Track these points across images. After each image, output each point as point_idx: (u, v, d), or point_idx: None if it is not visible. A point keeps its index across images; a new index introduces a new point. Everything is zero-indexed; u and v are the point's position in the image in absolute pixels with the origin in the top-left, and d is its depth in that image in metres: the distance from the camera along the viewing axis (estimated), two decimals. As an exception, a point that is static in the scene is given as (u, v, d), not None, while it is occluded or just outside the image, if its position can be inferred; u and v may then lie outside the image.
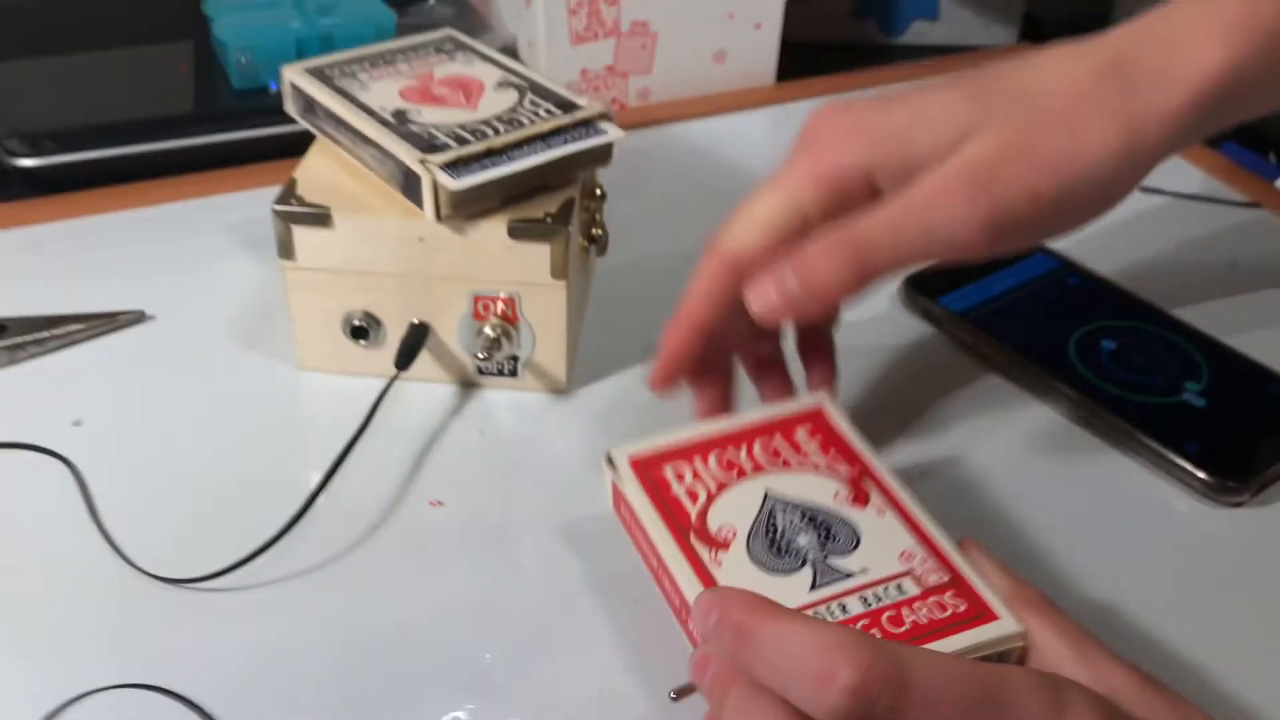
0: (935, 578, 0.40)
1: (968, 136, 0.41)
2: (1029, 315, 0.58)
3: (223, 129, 0.68)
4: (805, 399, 0.47)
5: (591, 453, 0.51)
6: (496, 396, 0.54)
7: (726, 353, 0.48)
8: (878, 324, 0.59)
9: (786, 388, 0.50)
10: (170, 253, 0.62)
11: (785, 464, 0.44)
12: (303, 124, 0.55)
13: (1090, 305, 0.60)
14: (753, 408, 0.47)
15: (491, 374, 0.53)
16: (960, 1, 0.88)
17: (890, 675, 0.30)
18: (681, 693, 0.37)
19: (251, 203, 0.65)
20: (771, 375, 0.50)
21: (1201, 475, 0.49)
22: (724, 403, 0.48)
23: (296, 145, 0.68)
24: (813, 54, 0.85)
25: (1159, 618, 0.44)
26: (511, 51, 0.76)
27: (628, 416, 0.53)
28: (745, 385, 0.53)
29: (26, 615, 0.43)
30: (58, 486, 0.48)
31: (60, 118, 0.67)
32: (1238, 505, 0.49)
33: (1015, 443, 0.52)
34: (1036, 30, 0.91)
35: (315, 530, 0.46)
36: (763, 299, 0.42)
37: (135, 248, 0.62)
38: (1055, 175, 0.41)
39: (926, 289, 0.60)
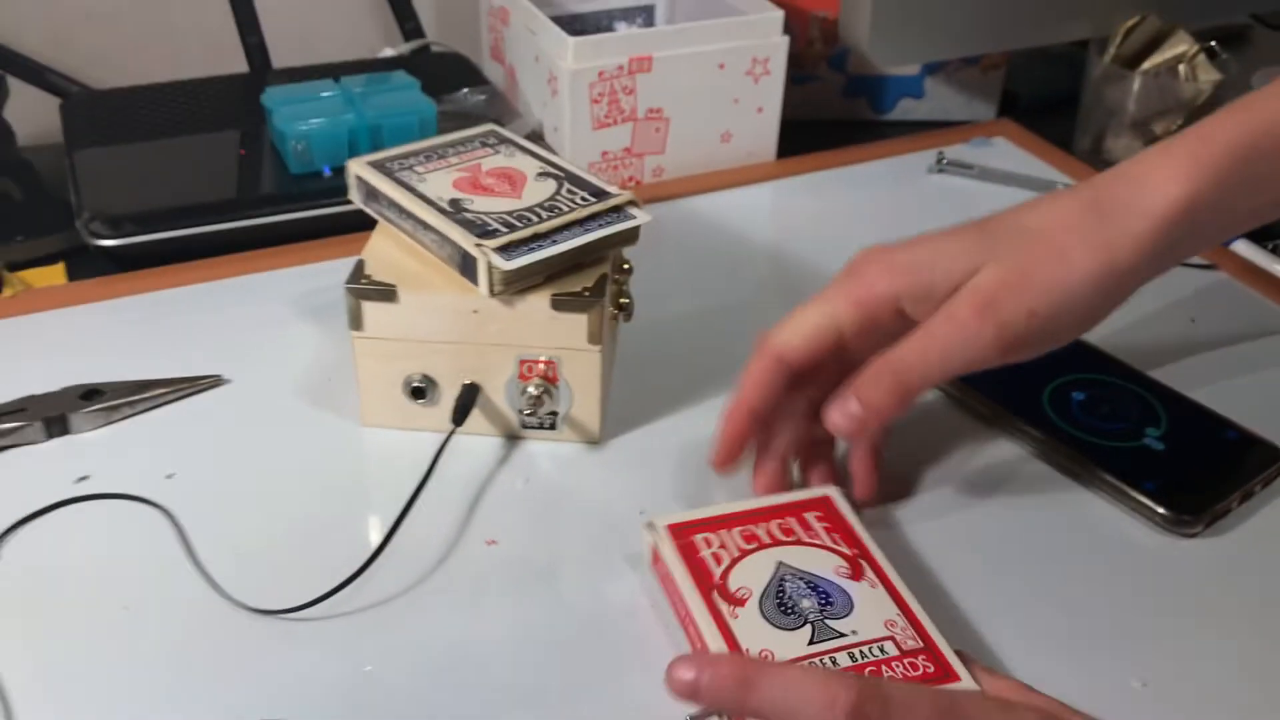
0: (912, 643, 0.47)
1: (977, 269, 0.50)
2: (1008, 370, 0.64)
3: (282, 210, 0.75)
4: (816, 489, 0.55)
5: (623, 496, 0.57)
6: (538, 447, 0.60)
7: (781, 438, 0.56)
8: (874, 379, 0.66)
9: (831, 474, 0.57)
10: (240, 321, 0.68)
11: (796, 540, 0.51)
12: (365, 210, 0.62)
13: (1062, 361, 0.65)
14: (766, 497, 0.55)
15: (534, 428, 0.60)
16: (943, 80, 0.96)
17: (875, 694, 0.37)
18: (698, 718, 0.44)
19: (310, 276, 0.72)
20: (819, 460, 0.57)
21: (1160, 510, 0.56)
22: (781, 481, 0.56)
23: (348, 224, 0.75)
24: (809, 131, 0.92)
25: (1123, 636, 0.51)
26: (538, 135, 0.84)
27: (653, 463, 0.59)
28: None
29: (144, 649, 0.49)
30: (158, 532, 0.54)
31: (137, 201, 0.73)
32: (1192, 536, 0.56)
33: (996, 482, 0.59)
34: (1013, 105, 0.98)
35: (388, 565, 0.53)
36: (836, 420, 0.51)
37: (208, 317, 0.69)
38: (1048, 296, 0.50)
39: (916, 348, 0.66)
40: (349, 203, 0.74)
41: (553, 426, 0.60)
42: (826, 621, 0.47)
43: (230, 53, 1.01)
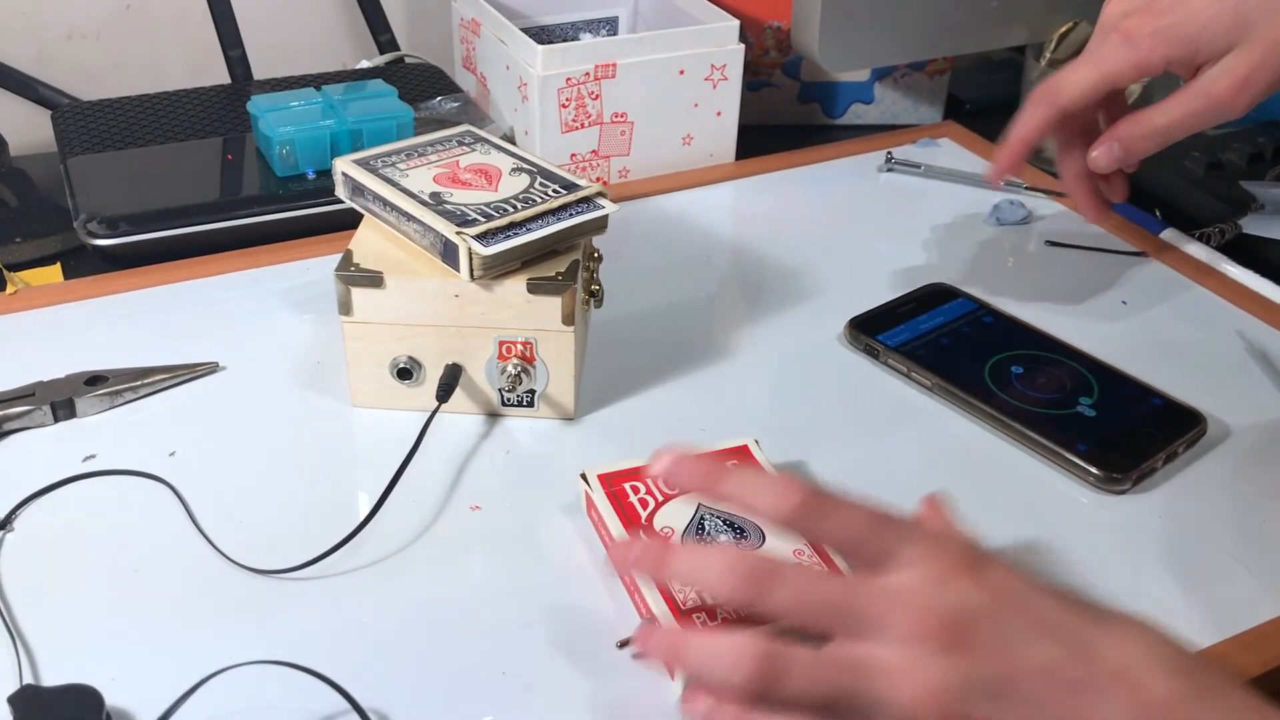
0: (817, 568, 0.51)
1: (1234, 44, 0.61)
2: (952, 347, 0.70)
3: (268, 210, 0.78)
4: (736, 440, 0.59)
5: (595, 467, 0.61)
6: (516, 423, 0.64)
7: (1079, 163, 0.69)
8: (826, 358, 0.71)
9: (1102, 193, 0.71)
10: (232, 314, 0.72)
11: None
12: (351, 204, 0.66)
13: (1002, 338, 0.71)
14: (695, 445, 0.57)
15: (512, 405, 0.64)
16: (892, 87, 1.01)
17: (822, 497, 0.43)
18: (625, 643, 0.50)
19: (297, 271, 0.76)
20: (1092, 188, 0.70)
21: (1092, 470, 0.61)
22: (1100, 199, 0.71)
23: (331, 223, 0.80)
24: (766, 134, 0.97)
25: (1059, 579, 0.55)
26: (510, 139, 0.88)
27: (622, 437, 0.64)
28: (683, 425, 0.65)
29: (154, 607, 0.53)
30: (163, 504, 0.58)
31: (131, 203, 0.76)
32: (1121, 493, 0.61)
33: (942, 450, 0.64)
34: (958, 108, 1.04)
35: (381, 530, 0.57)
36: (1101, 160, 0.66)
37: (201, 310, 0.72)
38: None
39: (867, 329, 0.71)
40: (332, 203, 0.78)
41: (530, 404, 0.64)
42: None
43: (208, 70, 1.05)
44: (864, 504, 0.43)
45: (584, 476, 0.57)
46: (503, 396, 0.64)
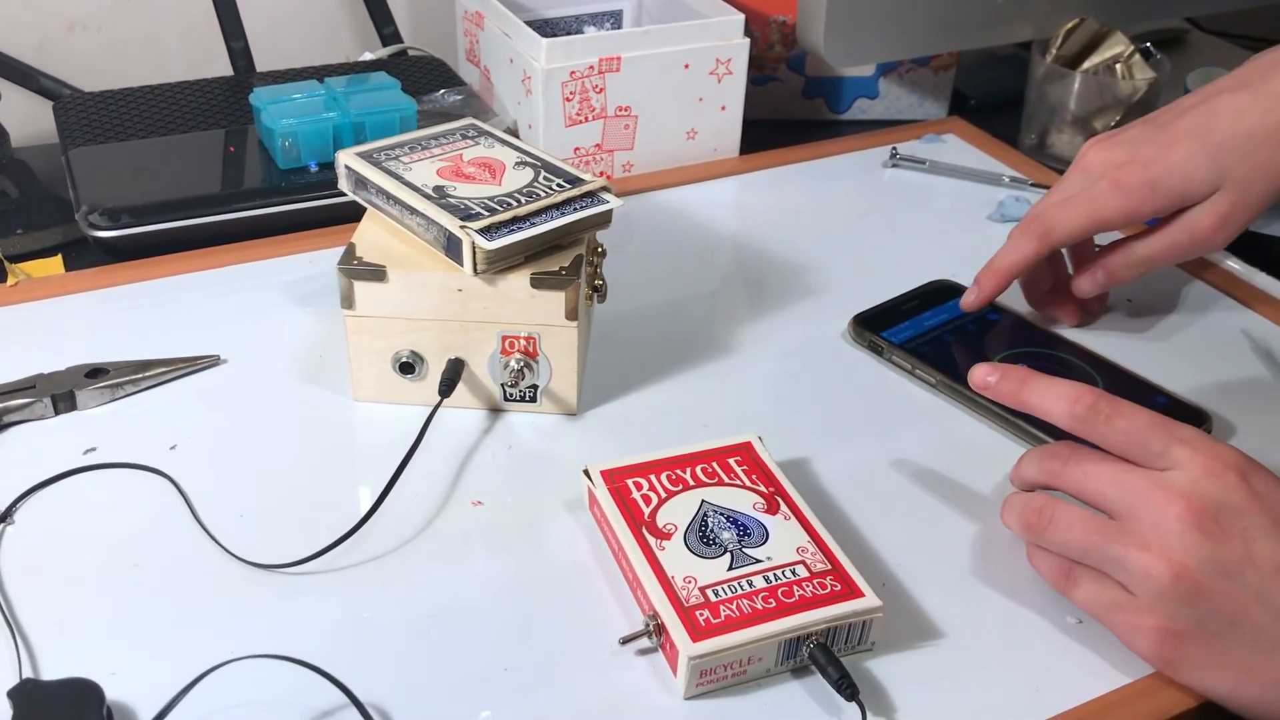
0: (820, 565, 0.52)
1: (1216, 188, 0.64)
2: (957, 344, 0.70)
3: (270, 203, 0.78)
4: (739, 436, 0.59)
5: (598, 462, 0.61)
6: (519, 419, 0.64)
7: (1047, 283, 0.73)
8: (830, 355, 0.70)
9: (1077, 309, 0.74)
10: (234, 307, 0.72)
11: (719, 481, 0.56)
12: (354, 198, 0.66)
13: (1007, 335, 0.71)
14: (697, 442, 0.59)
15: (515, 400, 0.64)
16: (897, 82, 1.01)
17: (1108, 398, 0.51)
18: (627, 639, 0.50)
19: (300, 265, 0.76)
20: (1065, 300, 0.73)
21: (1096, 468, 0.61)
22: (1078, 307, 0.73)
23: (334, 216, 0.79)
24: (770, 129, 0.97)
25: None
26: (513, 133, 0.88)
27: (625, 433, 0.64)
28: (686, 421, 0.64)
29: (154, 601, 0.52)
30: (164, 497, 0.58)
31: (133, 195, 0.76)
32: (1125, 491, 0.61)
33: (946, 448, 0.63)
34: (963, 104, 1.04)
35: (382, 525, 0.56)
36: (1086, 286, 0.70)
37: (204, 303, 0.72)
38: (1267, 203, 0.64)
39: (871, 325, 0.71)
40: (335, 196, 0.78)
41: (533, 399, 0.64)
42: (744, 550, 0.52)
43: (210, 61, 1.05)
44: (1143, 409, 0.51)
45: (587, 472, 0.57)
46: (505, 392, 0.64)
